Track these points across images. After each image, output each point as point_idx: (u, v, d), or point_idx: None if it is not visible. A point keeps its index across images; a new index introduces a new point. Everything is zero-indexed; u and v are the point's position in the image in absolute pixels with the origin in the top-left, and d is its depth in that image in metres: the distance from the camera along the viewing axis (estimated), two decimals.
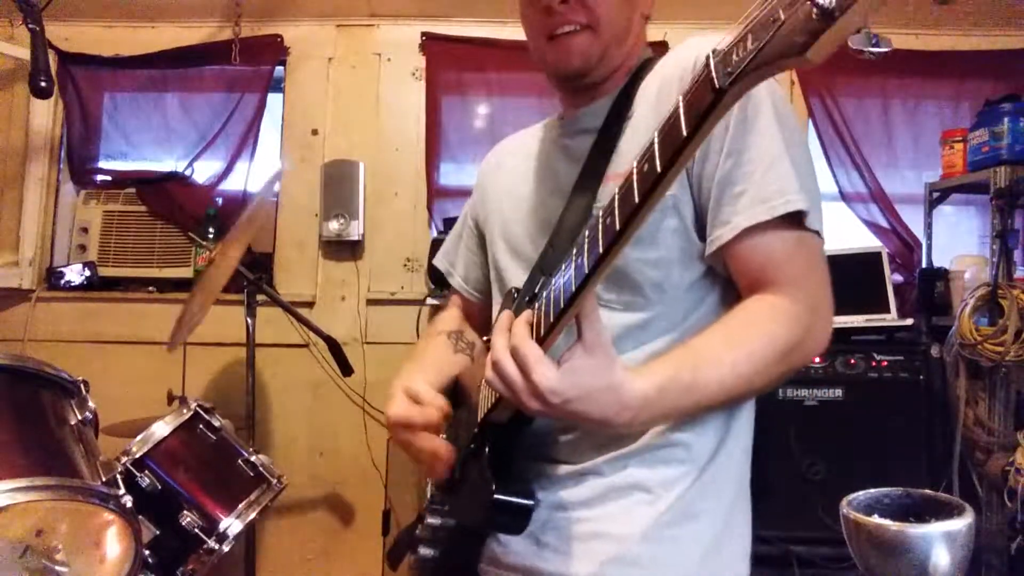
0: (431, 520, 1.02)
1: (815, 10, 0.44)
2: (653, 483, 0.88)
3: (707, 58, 0.53)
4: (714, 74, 0.52)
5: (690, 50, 0.91)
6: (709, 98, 0.53)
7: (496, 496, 0.83)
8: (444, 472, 0.94)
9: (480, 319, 1.22)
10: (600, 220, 0.65)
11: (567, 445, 0.92)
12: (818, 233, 0.84)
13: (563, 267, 0.70)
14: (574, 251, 0.69)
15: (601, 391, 0.71)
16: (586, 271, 0.65)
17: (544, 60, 0.97)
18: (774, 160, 0.82)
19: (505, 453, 0.88)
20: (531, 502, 0.85)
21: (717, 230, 0.85)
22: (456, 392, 1.06)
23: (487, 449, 0.88)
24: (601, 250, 0.64)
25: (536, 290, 0.84)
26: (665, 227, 0.88)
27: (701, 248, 0.88)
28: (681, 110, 0.56)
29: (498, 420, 0.88)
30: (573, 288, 0.67)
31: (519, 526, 0.85)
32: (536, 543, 0.91)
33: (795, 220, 0.82)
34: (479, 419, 0.92)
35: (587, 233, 0.67)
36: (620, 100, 0.96)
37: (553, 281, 0.72)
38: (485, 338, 0.97)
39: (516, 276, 1.02)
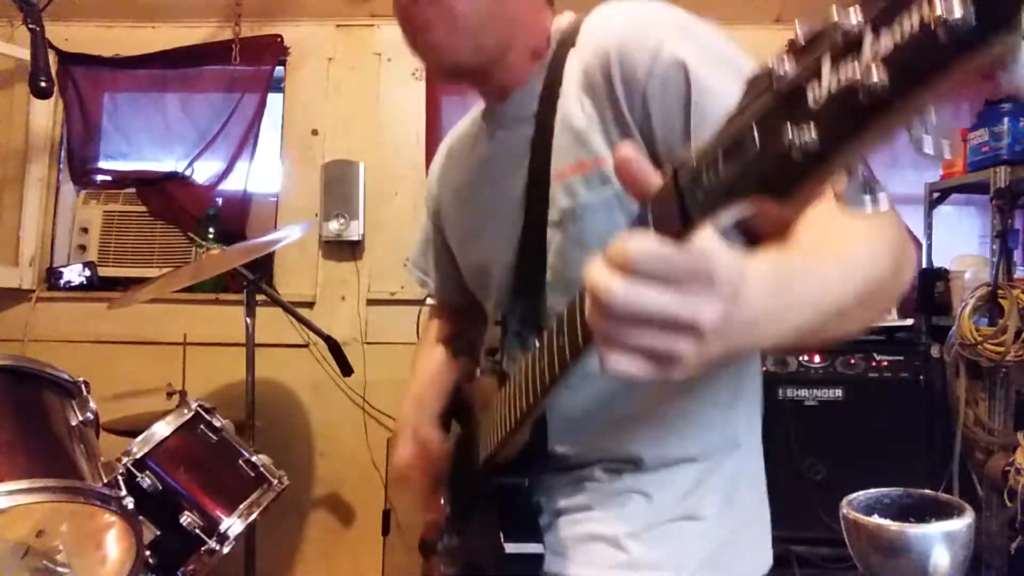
0: (449, 541, 1.03)
1: (796, 150, 0.34)
2: (652, 487, 0.87)
3: (675, 171, 0.45)
4: (686, 196, 0.43)
5: (605, 39, 0.84)
6: (678, 224, 0.44)
7: (507, 552, 0.83)
8: (435, 520, 0.95)
9: (465, 316, 1.21)
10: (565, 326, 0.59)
11: (567, 460, 0.92)
12: None
13: (549, 331, 0.64)
14: (556, 326, 0.62)
15: (744, 283, 0.49)
16: (577, 352, 0.58)
17: (425, 64, 0.92)
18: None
19: (511, 495, 0.88)
20: (540, 551, 0.84)
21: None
22: (459, 402, 1.06)
23: (494, 495, 0.89)
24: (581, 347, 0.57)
25: (520, 322, 0.84)
26: (616, 227, 0.83)
27: None
28: (651, 226, 0.48)
29: (503, 459, 0.87)
30: (568, 358, 0.60)
31: (531, 571, 0.85)
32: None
33: None
34: (482, 460, 0.90)
35: (566, 318, 0.60)
36: (547, 83, 0.90)
37: (538, 344, 0.67)
38: (479, 369, 0.96)
39: (492, 293, 1.00)
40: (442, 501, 0.97)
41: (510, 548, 0.83)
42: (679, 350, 0.47)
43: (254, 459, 1.85)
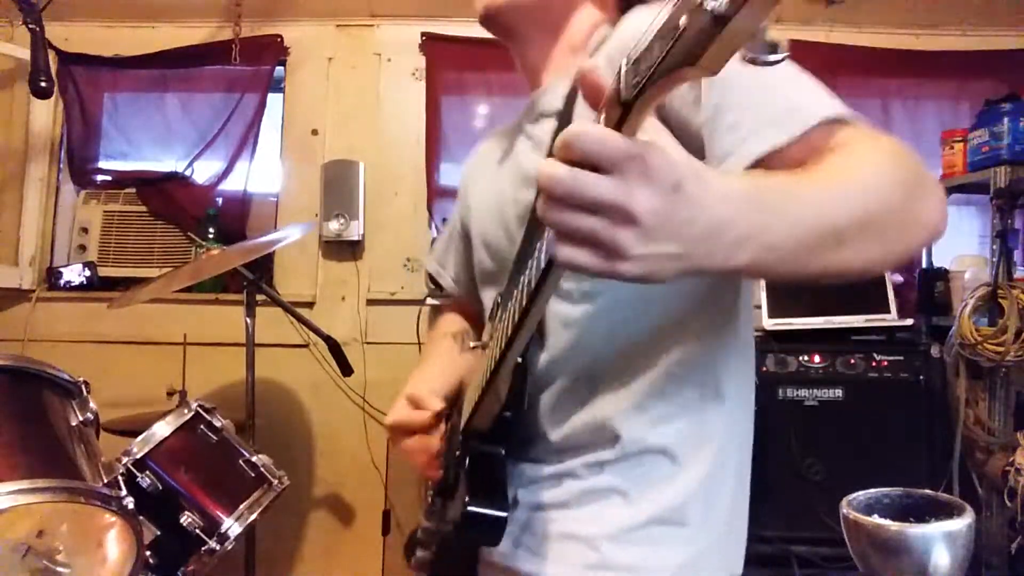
0: (427, 524, 1.02)
1: (707, 15, 0.39)
2: (631, 487, 0.86)
3: (619, 66, 0.48)
4: (621, 85, 0.47)
5: (632, 26, 0.87)
6: (617, 112, 0.47)
7: (468, 509, 0.82)
8: (437, 472, 0.94)
9: (476, 318, 1.22)
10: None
11: (548, 446, 0.92)
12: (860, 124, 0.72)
13: (527, 268, 0.65)
14: (528, 265, 0.64)
15: (697, 174, 0.51)
16: (541, 268, 0.59)
17: (475, 4, 0.94)
18: (779, 82, 0.73)
19: (484, 460, 0.87)
20: (503, 514, 0.83)
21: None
22: (460, 395, 1.06)
23: (466, 458, 0.88)
24: (543, 266, 0.59)
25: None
26: None
27: None
28: (601, 123, 0.50)
29: (481, 427, 0.87)
30: (532, 287, 0.62)
31: (492, 538, 0.84)
32: (515, 544, 0.90)
33: (829, 129, 0.70)
34: (462, 426, 0.91)
35: (536, 249, 0.62)
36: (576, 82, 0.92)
37: (519, 283, 0.68)
38: (472, 344, 0.97)
39: (498, 280, 1.01)
40: (430, 451, 0.96)
41: (472, 507, 0.82)
42: (620, 238, 0.48)
43: (254, 459, 1.85)
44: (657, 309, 0.87)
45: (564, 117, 0.91)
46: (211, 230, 2.83)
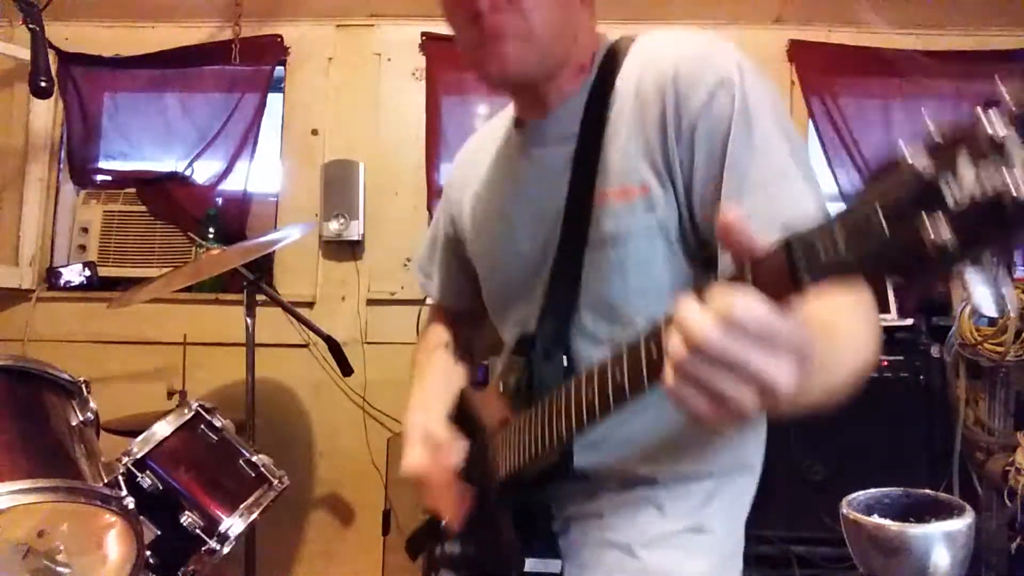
0: (452, 548, 1.02)
1: (932, 247, 0.36)
2: (666, 502, 0.89)
3: (789, 242, 0.47)
4: (799, 264, 0.45)
5: (664, 61, 0.85)
6: (787, 287, 0.47)
7: (527, 569, 0.84)
8: (458, 522, 0.95)
9: (463, 323, 1.22)
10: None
11: (584, 473, 0.91)
12: None
13: (604, 362, 0.66)
14: (612, 359, 0.64)
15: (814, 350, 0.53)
16: (642, 385, 0.60)
17: (477, 69, 0.90)
18: (784, 175, 0.77)
19: (533, 514, 0.89)
20: (558, 570, 0.86)
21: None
22: (463, 409, 1.06)
23: (514, 511, 0.89)
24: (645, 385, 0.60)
25: (550, 342, 0.85)
26: (656, 254, 0.84)
27: (691, 274, 0.85)
28: (749, 281, 0.50)
29: (525, 478, 0.87)
30: (625, 394, 0.63)
31: None
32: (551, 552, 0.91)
33: None
34: (503, 476, 0.90)
35: (627, 353, 0.62)
36: (591, 104, 0.90)
37: (589, 370, 0.69)
38: (500, 385, 0.96)
39: (517, 310, 1.00)
40: (454, 500, 0.96)
41: (531, 564, 0.84)
42: (748, 403, 0.48)
43: (254, 459, 1.85)
44: None
45: (583, 144, 0.89)
46: (211, 230, 2.83)
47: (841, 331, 0.66)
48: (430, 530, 1.06)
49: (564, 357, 0.87)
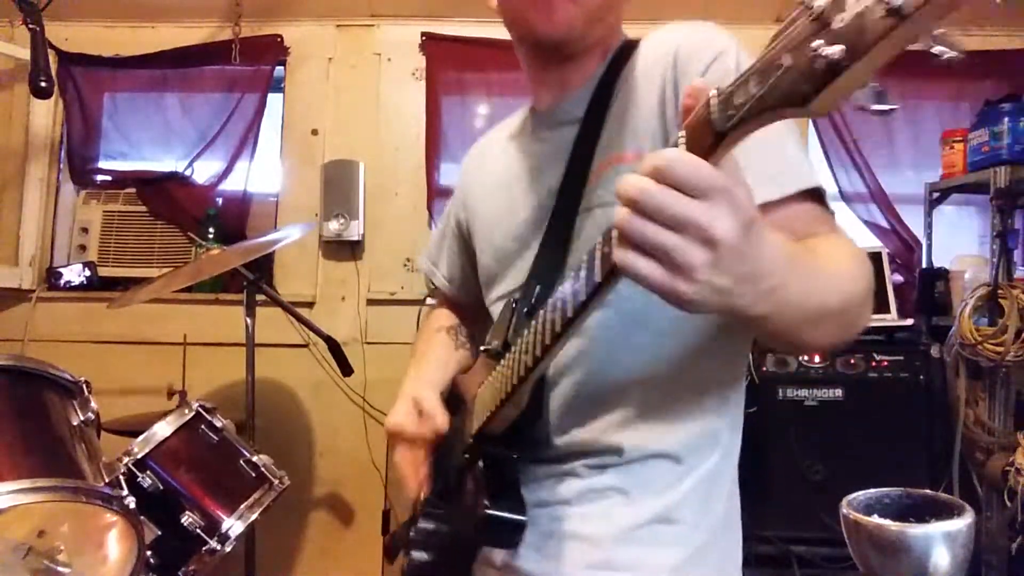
0: (424, 524, 1.02)
1: (821, 60, 0.42)
2: (632, 487, 0.87)
3: (708, 97, 0.51)
4: (715, 115, 0.50)
5: (669, 41, 0.89)
6: (709, 140, 0.51)
7: (489, 512, 0.83)
8: (414, 492, 0.95)
9: (468, 317, 1.22)
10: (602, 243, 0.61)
11: (550, 448, 0.92)
12: (834, 215, 0.80)
13: (564, 283, 0.66)
14: (572, 273, 0.65)
15: (761, 220, 0.54)
16: (596, 281, 0.61)
17: (523, 21, 0.92)
18: (775, 140, 0.77)
19: (499, 465, 0.88)
20: (523, 517, 0.84)
21: None
22: (453, 394, 1.06)
23: (481, 463, 0.88)
24: (599, 279, 0.60)
25: (534, 302, 0.84)
26: None
27: None
28: (682, 146, 0.53)
29: (494, 432, 0.88)
30: (583, 298, 0.63)
31: (511, 540, 0.85)
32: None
33: (811, 198, 0.78)
34: (475, 430, 0.91)
35: (585, 259, 0.63)
36: (600, 89, 0.93)
37: (551, 298, 0.69)
38: (482, 348, 0.96)
39: (505, 281, 1.01)
40: (421, 463, 0.97)
41: (493, 511, 0.83)
42: (692, 257, 0.50)
43: (255, 459, 1.85)
44: (667, 323, 0.87)
45: (587, 124, 0.91)
46: (211, 230, 2.83)
47: (828, 257, 0.68)
48: (405, 535, 1.07)
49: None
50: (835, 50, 0.41)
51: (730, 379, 0.92)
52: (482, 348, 0.95)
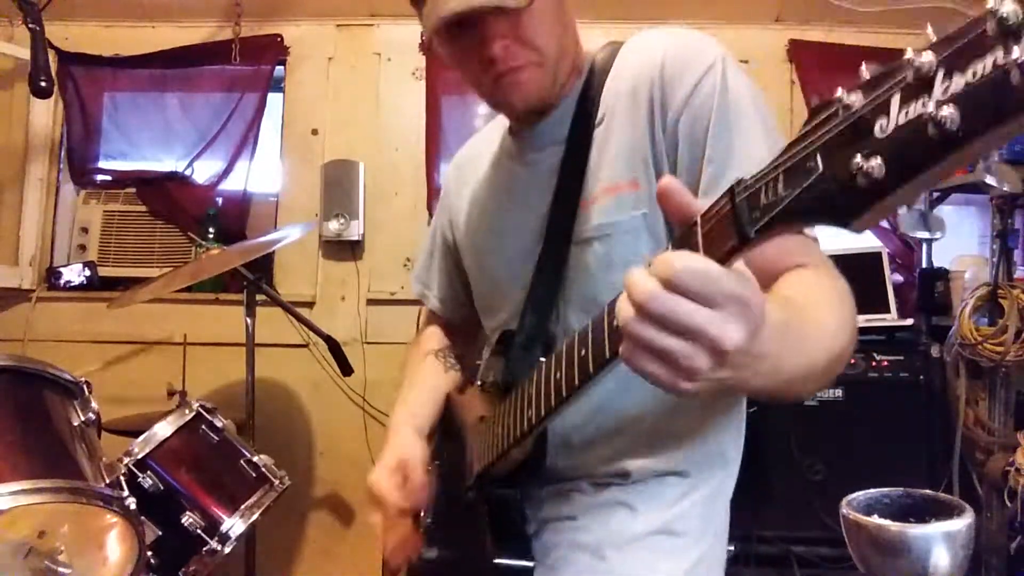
0: (428, 555, 1.02)
1: (862, 178, 0.36)
2: (637, 503, 0.88)
3: (731, 190, 0.48)
4: (742, 217, 0.46)
5: (653, 54, 0.87)
6: (731, 241, 0.47)
7: (497, 561, 0.84)
8: (391, 560, 0.95)
9: (458, 333, 1.22)
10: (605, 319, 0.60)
11: (556, 471, 0.92)
12: (815, 240, 0.81)
13: (571, 342, 0.66)
14: (579, 338, 0.64)
15: (764, 309, 0.52)
16: (606, 357, 0.60)
17: (498, 105, 0.93)
18: (761, 162, 0.78)
19: (504, 507, 0.89)
20: (530, 564, 0.85)
21: None
22: (448, 415, 1.06)
23: (486, 506, 0.89)
24: (608, 358, 0.60)
25: (529, 335, 0.84)
26: (641, 249, 0.85)
27: None
28: (700, 243, 0.51)
29: (498, 473, 0.88)
30: (591, 370, 0.62)
31: None
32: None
33: None
34: (478, 471, 0.91)
35: (591, 330, 0.62)
36: (581, 107, 0.92)
37: (557, 351, 0.69)
38: (479, 380, 0.96)
39: (502, 311, 1.00)
40: (398, 534, 0.97)
41: (500, 560, 0.83)
42: (697, 363, 0.49)
43: (255, 459, 1.85)
44: None
45: (572, 146, 0.91)
46: (211, 230, 2.83)
47: (814, 312, 0.68)
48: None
49: (542, 351, 0.86)
50: (878, 167, 0.36)
51: (735, 398, 0.93)
52: (479, 381, 0.95)
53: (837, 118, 0.39)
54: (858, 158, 0.37)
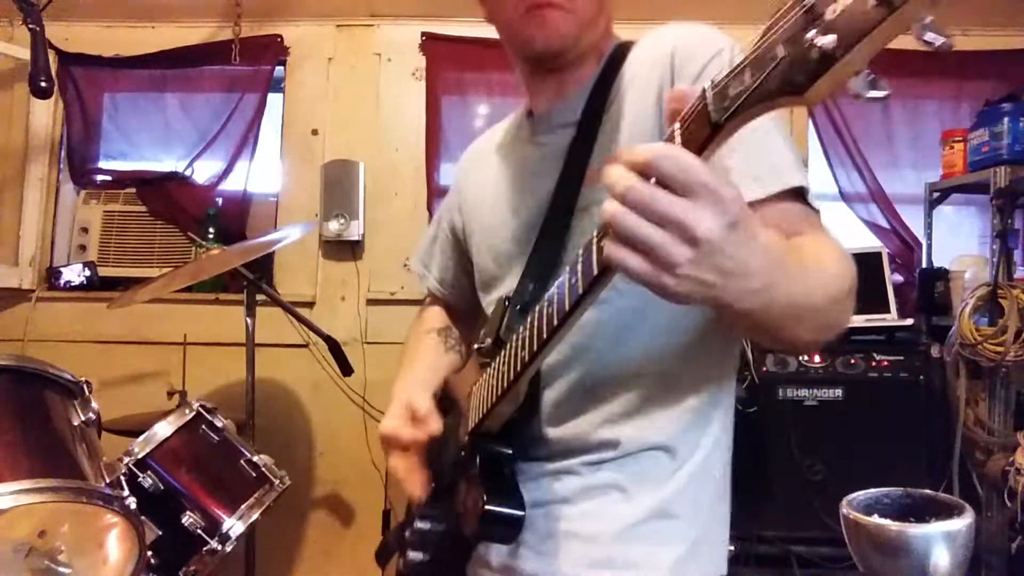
0: (420, 525, 1.02)
1: (815, 51, 0.43)
2: (629, 483, 0.88)
3: (704, 90, 0.52)
4: (711, 107, 0.51)
5: (665, 42, 0.90)
6: (704, 132, 0.52)
7: (487, 508, 0.83)
8: (415, 494, 0.95)
9: (458, 319, 1.23)
10: (595, 241, 0.62)
11: (547, 446, 0.92)
12: (818, 213, 0.81)
13: (560, 278, 0.67)
14: (569, 268, 0.65)
15: (749, 219, 0.54)
16: (593, 274, 0.61)
17: (519, 37, 0.94)
18: (761, 139, 0.78)
19: (496, 461, 0.88)
20: (521, 512, 0.85)
21: None
22: (444, 395, 1.06)
23: (477, 459, 0.88)
24: (596, 272, 0.61)
25: (527, 299, 0.83)
26: None
27: None
28: (678, 140, 0.54)
29: (490, 429, 0.88)
30: (580, 291, 0.63)
31: (510, 536, 0.86)
32: (515, 542, 0.90)
33: (794, 197, 0.78)
34: (470, 428, 0.91)
35: (581, 253, 0.64)
36: (596, 93, 0.94)
37: (548, 293, 0.70)
38: (475, 346, 0.97)
39: (504, 283, 1.01)
40: (416, 467, 0.97)
41: (491, 507, 0.83)
42: (674, 254, 0.51)
43: (255, 459, 1.85)
44: (663, 318, 0.88)
45: (583, 127, 0.92)
46: (211, 230, 2.83)
47: (814, 253, 0.69)
48: (397, 539, 1.07)
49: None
50: (829, 40, 0.42)
51: (723, 373, 0.93)
52: (475, 346, 0.96)
53: (795, 10, 0.45)
54: (812, 34, 0.43)
